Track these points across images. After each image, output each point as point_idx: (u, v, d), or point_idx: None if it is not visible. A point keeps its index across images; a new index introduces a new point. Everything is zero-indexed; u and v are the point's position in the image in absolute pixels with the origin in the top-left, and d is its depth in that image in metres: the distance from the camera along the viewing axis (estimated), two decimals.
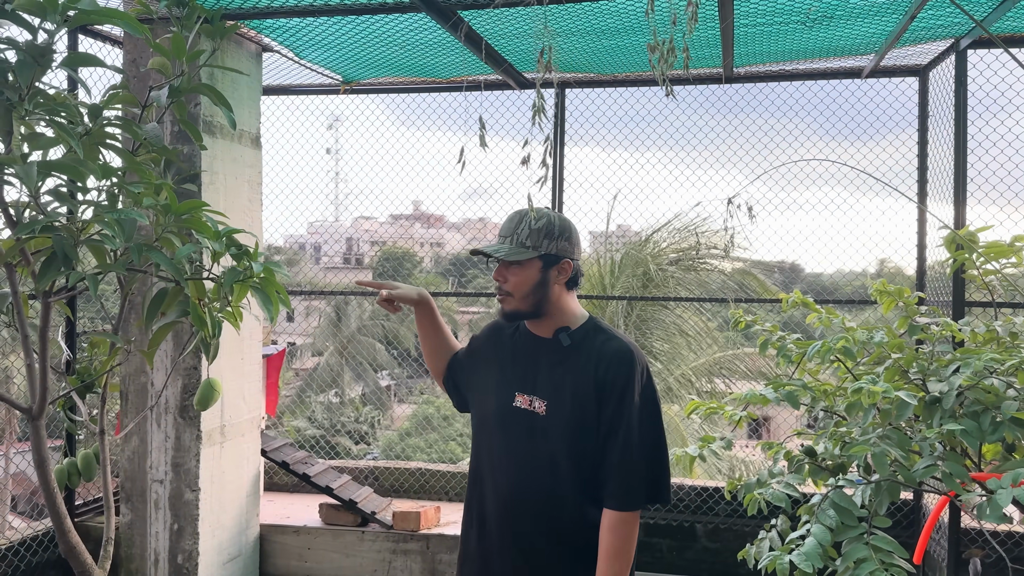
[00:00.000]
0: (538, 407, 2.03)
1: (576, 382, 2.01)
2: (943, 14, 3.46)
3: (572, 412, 2.00)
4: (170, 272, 2.08)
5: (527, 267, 2.03)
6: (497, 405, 2.10)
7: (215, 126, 3.84)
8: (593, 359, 2.02)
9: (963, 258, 3.30)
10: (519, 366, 2.10)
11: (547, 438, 2.01)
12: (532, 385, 2.06)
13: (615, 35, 3.90)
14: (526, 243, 2.03)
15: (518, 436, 2.05)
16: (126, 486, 3.90)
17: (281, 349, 4.62)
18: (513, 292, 2.04)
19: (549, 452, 2.01)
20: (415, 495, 4.94)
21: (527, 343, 2.13)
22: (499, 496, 2.06)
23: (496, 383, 2.12)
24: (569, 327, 2.07)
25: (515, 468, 2.04)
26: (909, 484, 2.79)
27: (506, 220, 2.10)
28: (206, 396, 2.39)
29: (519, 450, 2.04)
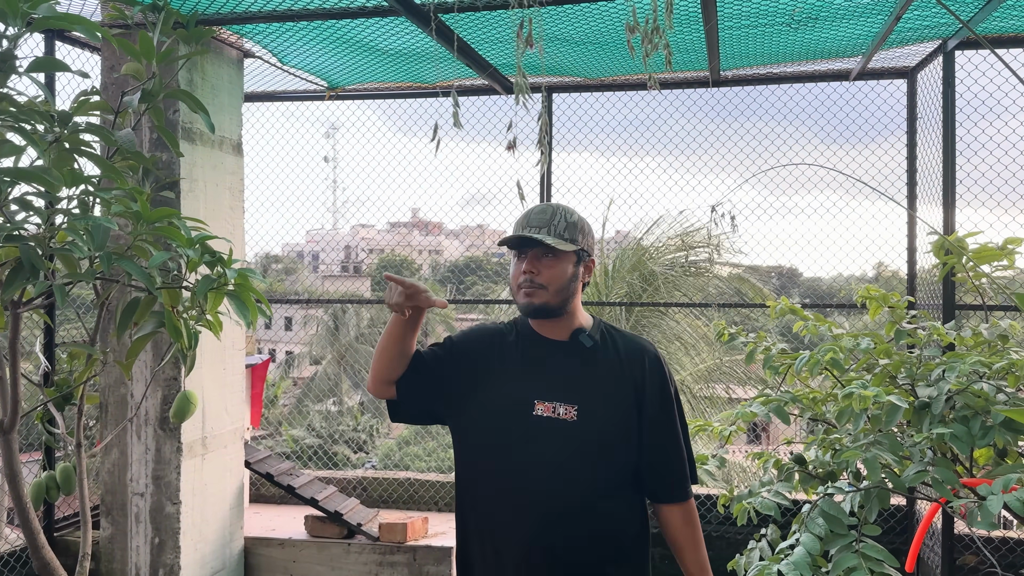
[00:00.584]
0: (565, 413, 1.90)
1: (609, 383, 1.93)
2: (929, 15, 3.42)
3: (609, 414, 1.91)
4: (141, 281, 2.04)
5: (564, 260, 1.92)
6: (509, 414, 1.92)
7: (195, 133, 3.80)
8: (622, 358, 1.96)
9: (952, 263, 3.26)
10: (534, 372, 1.95)
11: (581, 444, 1.89)
12: (555, 391, 1.91)
13: (600, 38, 3.86)
14: (565, 235, 1.93)
15: (544, 447, 1.89)
16: (106, 499, 3.84)
17: (265, 359, 4.57)
18: (547, 285, 1.91)
19: (583, 459, 1.88)
20: (404, 506, 4.87)
21: (539, 347, 1.98)
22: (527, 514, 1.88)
23: (506, 390, 1.94)
24: (585, 328, 1.99)
25: (544, 479, 1.88)
26: (899, 490, 2.74)
27: (534, 212, 1.96)
28: (182, 408, 2.34)
29: (547, 460, 1.88)
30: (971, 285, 3.45)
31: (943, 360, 3.00)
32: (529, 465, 1.89)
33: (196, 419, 3.80)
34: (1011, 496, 2.53)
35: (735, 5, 3.28)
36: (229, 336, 3.95)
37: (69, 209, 2.05)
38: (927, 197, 4.06)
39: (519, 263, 1.95)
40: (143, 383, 3.74)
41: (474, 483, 1.98)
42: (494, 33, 3.79)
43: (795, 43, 3.82)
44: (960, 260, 3.24)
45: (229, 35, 3.97)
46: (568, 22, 3.59)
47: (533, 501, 1.88)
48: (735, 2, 3.25)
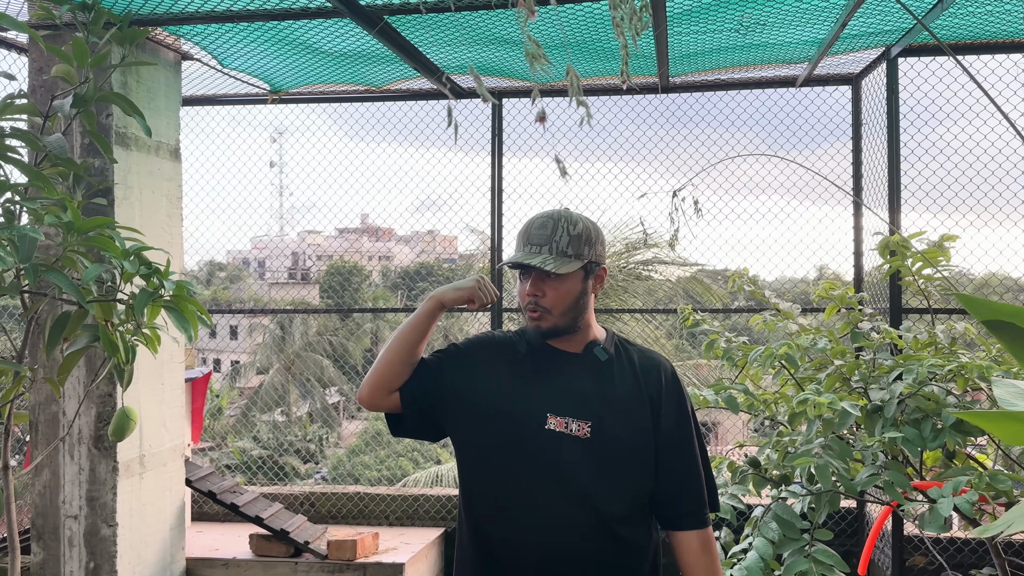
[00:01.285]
0: (577, 430, 1.79)
1: (623, 399, 1.83)
2: (874, 22, 3.46)
3: (624, 432, 1.81)
4: (71, 294, 1.92)
5: (570, 279, 1.81)
6: (519, 429, 1.80)
7: (130, 138, 3.64)
8: (638, 373, 1.87)
9: (898, 264, 3.29)
10: (547, 386, 1.84)
11: (593, 462, 1.78)
12: (568, 406, 1.80)
13: (552, 43, 3.82)
14: (568, 252, 1.80)
15: (556, 464, 1.78)
16: (37, 523, 3.65)
17: (206, 372, 4.41)
18: (552, 308, 1.81)
19: (596, 476, 1.78)
20: (353, 521, 4.75)
21: (553, 359, 1.87)
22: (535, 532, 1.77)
23: (517, 405, 1.82)
24: (599, 340, 1.89)
25: (555, 498, 1.77)
26: (852, 494, 2.75)
27: (534, 226, 1.83)
28: (121, 426, 2.21)
29: (558, 478, 1.78)
30: (916, 288, 3.50)
31: (900, 362, 3.03)
32: (539, 483, 1.78)
33: (133, 437, 3.63)
34: (960, 499, 2.55)
35: (685, 10, 3.26)
36: (167, 349, 3.80)
37: None
38: (873, 201, 4.11)
39: (523, 283, 1.84)
40: (76, 400, 3.56)
41: (479, 500, 1.85)
42: (441, 36, 3.72)
43: (744, 49, 3.83)
44: (904, 261, 3.28)
45: (166, 36, 3.82)
46: (517, 26, 3.54)
47: (542, 522, 1.77)
48: (684, 6, 3.24)
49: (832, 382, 3.18)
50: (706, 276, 12.00)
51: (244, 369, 23.27)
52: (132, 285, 1.98)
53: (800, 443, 2.97)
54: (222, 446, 18.53)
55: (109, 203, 3.49)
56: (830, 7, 3.22)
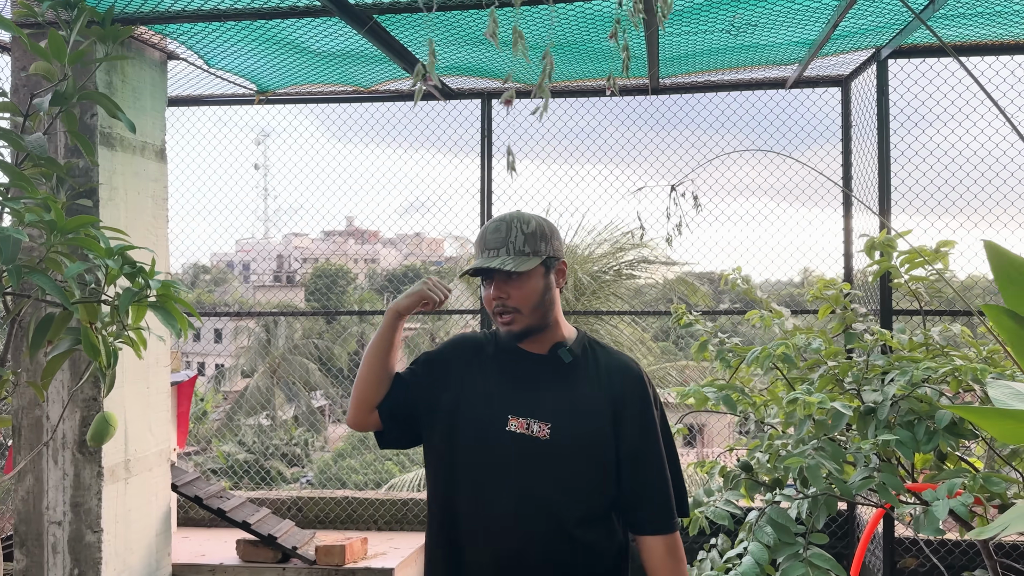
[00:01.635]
0: (538, 431, 1.79)
1: (585, 401, 1.83)
2: (865, 23, 3.46)
3: (583, 433, 1.81)
4: (55, 296, 1.87)
5: (531, 276, 1.82)
6: (482, 430, 1.82)
7: (115, 138, 3.59)
8: (602, 376, 1.86)
9: (886, 265, 3.29)
10: (510, 386, 1.85)
11: (553, 463, 1.79)
12: (530, 407, 1.82)
13: (542, 44, 3.79)
14: (525, 250, 1.81)
15: (515, 465, 1.79)
16: (20, 529, 3.58)
17: (192, 376, 4.35)
18: (521, 307, 1.82)
19: (555, 479, 1.78)
20: (341, 525, 4.70)
21: (517, 360, 1.88)
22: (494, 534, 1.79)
23: (480, 406, 1.84)
24: (566, 342, 1.89)
25: (515, 500, 1.78)
26: (846, 497, 2.73)
27: (489, 231, 1.85)
28: (100, 431, 2.17)
29: (517, 480, 1.78)
30: (907, 290, 3.50)
31: (894, 364, 3.02)
32: (500, 484, 1.80)
33: (118, 441, 3.57)
34: (956, 501, 2.53)
35: (676, 10, 3.25)
36: (153, 352, 3.74)
37: None
38: (863, 203, 4.11)
39: (487, 289, 1.85)
40: (60, 404, 3.50)
41: (444, 502, 1.86)
42: (431, 35, 3.69)
43: (735, 50, 3.82)
44: (891, 261, 3.28)
45: (152, 35, 3.77)
46: (506, 26, 3.52)
47: (500, 523, 1.79)
48: (676, 7, 3.23)
49: (825, 383, 3.17)
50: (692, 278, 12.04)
51: (229, 373, 23.11)
52: (116, 286, 1.94)
53: (791, 444, 2.96)
54: (207, 450, 18.38)
55: (94, 204, 3.44)
56: (821, 8, 3.22)
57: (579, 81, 4.55)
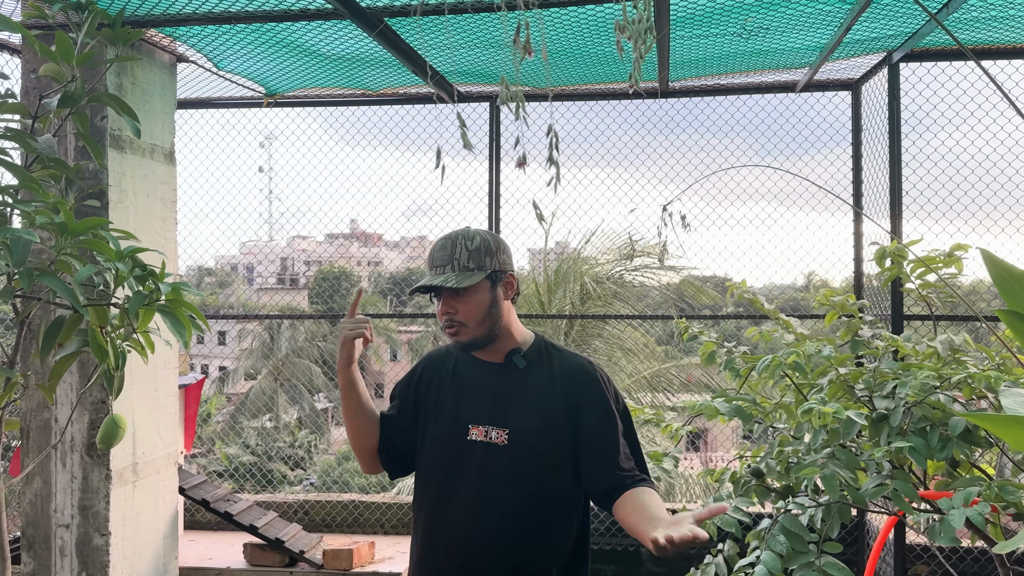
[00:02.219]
0: (496, 437, 1.87)
1: (539, 406, 1.89)
2: (877, 26, 3.45)
3: (538, 438, 1.87)
4: (65, 298, 1.87)
5: (476, 291, 1.88)
6: (448, 443, 1.91)
7: (124, 140, 3.58)
8: (556, 380, 1.91)
9: (895, 272, 3.27)
10: (469, 397, 1.94)
11: (512, 469, 1.85)
12: (488, 415, 1.90)
13: (554, 46, 3.79)
14: (469, 266, 1.88)
15: (476, 472, 1.87)
16: (27, 532, 3.57)
17: (200, 378, 4.34)
18: (467, 321, 1.89)
19: (513, 484, 1.85)
20: (348, 529, 4.69)
21: (474, 371, 1.97)
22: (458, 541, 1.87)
23: (444, 420, 1.94)
24: (521, 348, 1.95)
25: (476, 506, 1.86)
26: (859, 504, 2.71)
27: (436, 250, 1.93)
28: (109, 434, 2.16)
29: (477, 487, 1.86)
30: (918, 295, 3.48)
31: (898, 371, 3.00)
32: (462, 491, 1.88)
33: (126, 444, 3.57)
34: (972, 510, 2.51)
35: (688, 13, 3.24)
36: (161, 355, 3.73)
37: None
38: (873, 208, 4.09)
39: (437, 304, 1.93)
40: (68, 407, 3.49)
41: (420, 513, 1.96)
42: (442, 39, 3.68)
43: (745, 54, 3.81)
44: (902, 268, 3.26)
45: (162, 38, 3.77)
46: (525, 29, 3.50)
47: (464, 528, 1.87)
48: (687, 10, 3.21)
49: (835, 390, 3.15)
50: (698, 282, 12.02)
51: (232, 375, 23.11)
52: (125, 289, 1.93)
53: (803, 452, 2.94)
54: (210, 452, 18.38)
55: (103, 206, 3.43)
56: (834, 12, 3.21)
57: (588, 85, 4.55)
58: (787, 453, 2.97)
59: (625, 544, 4.42)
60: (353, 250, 30.27)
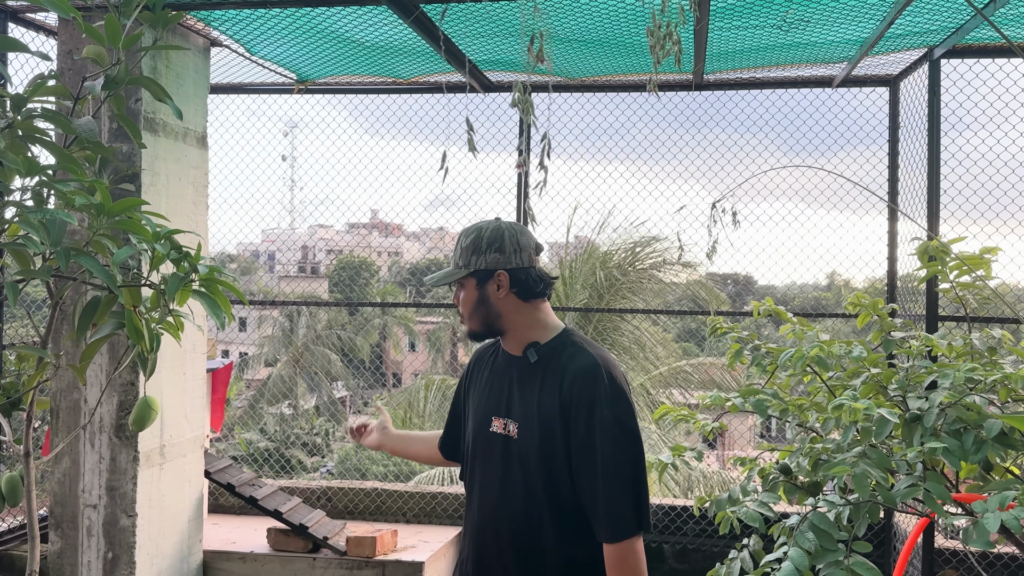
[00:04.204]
0: (511, 430, 1.92)
1: (542, 402, 1.89)
2: (920, 20, 3.38)
3: (540, 434, 1.87)
4: (102, 279, 1.86)
5: (466, 287, 1.97)
6: (475, 432, 2.02)
7: (158, 124, 3.59)
8: (558, 376, 1.89)
9: (935, 270, 3.21)
10: (495, 389, 2.02)
11: (521, 463, 1.89)
12: (506, 407, 1.96)
13: (587, 36, 3.75)
14: (459, 263, 1.98)
15: (494, 462, 1.94)
16: (56, 511, 3.60)
17: (228, 363, 4.36)
18: (463, 313, 2.01)
19: (523, 478, 1.89)
20: (371, 517, 4.69)
21: (502, 363, 2.04)
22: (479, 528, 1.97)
23: (477, 411, 2.04)
24: (538, 342, 1.95)
25: (494, 497, 1.93)
26: (889, 504, 2.67)
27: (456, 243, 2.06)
28: (142, 415, 2.16)
29: (496, 477, 1.94)
30: (955, 297, 3.42)
31: (934, 368, 2.95)
32: (484, 481, 1.96)
33: (155, 427, 3.59)
34: (1008, 514, 2.45)
35: (728, 3, 3.19)
36: (190, 339, 3.74)
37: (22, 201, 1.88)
38: (909, 207, 4.03)
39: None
40: (98, 388, 3.51)
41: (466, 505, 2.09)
42: (476, 27, 3.65)
43: (783, 47, 3.75)
44: (943, 267, 3.20)
45: (196, 22, 3.77)
46: (555, 15, 3.47)
47: (483, 518, 1.95)
48: (727, 2, 3.17)
49: (868, 390, 3.10)
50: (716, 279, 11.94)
51: (252, 361, 23.27)
52: (159, 272, 1.93)
53: (833, 450, 2.90)
54: (228, 437, 18.52)
55: (136, 189, 3.44)
56: (877, 4, 3.15)
57: (619, 76, 4.50)
58: (817, 450, 2.94)
59: (647, 540, 4.40)
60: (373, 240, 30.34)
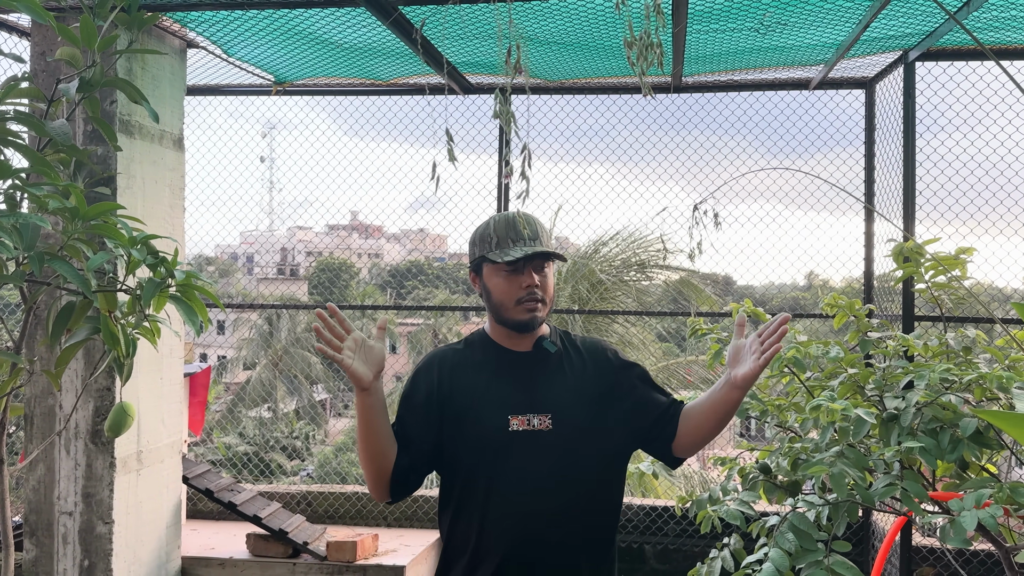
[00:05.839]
0: (539, 424, 1.87)
1: (580, 383, 1.94)
2: (895, 24, 3.42)
3: (582, 415, 1.91)
4: (76, 284, 1.84)
5: (552, 269, 1.95)
6: (488, 437, 1.86)
7: (133, 126, 3.55)
8: (585, 358, 1.98)
9: (911, 271, 3.25)
10: (504, 387, 1.91)
11: (558, 454, 1.87)
12: (528, 403, 1.89)
13: (562, 38, 3.76)
14: (550, 245, 1.93)
15: (521, 462, 1.85)
16: (30, 519, 3.55)
17: (206, 367, 4.32)
18: (546, 298, 1.92)
19: (562, 469, 1.86)
20: (351, 521, 4.67)
21: (506, 361, 1.95)
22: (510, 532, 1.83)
23: (481, 415, 1.88)
24: (545, 335, 1.98)
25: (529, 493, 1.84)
26: (867, 504, 2.70)
27: (520, 223, 1.91)
28: (118, 421, 2.13)
29: (525, 477, 1.85)
30: (930, 297, 3.46)
31: (911, 368, 2.98)
32: (511, 482, 1.86)
33: (131, 432, 3.54)
34: (984, 512, 2.49)
35: (706, 7, 3.21)
36: (167, 343, 3.71)
37: None
38: (885, 208, 4.07)
39: (515, 277, 1.89)
40: (73, 394, 3.47)
41: (460, 510, 1.90)
42: (454, 29, 3.65)
43: (761, 50, 3.78)
44: (919, 268, 3.24)
45: (172, 24, 3.73)
46: (535, 19, 3.48)
47: (518, 515, 1.86)
48: (706, 4, 3.18)
49: (846, 390, 3.13)
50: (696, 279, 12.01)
51: (231, 364, 23.08)
52: (135, 276, 1.91)
53: (812, 450, 2.92)
54: (207, 441, 18.35)
55: (112, 192, 3.40)
56: (853, 7, 3.18)
57: (599, 79, 4.51)
58: (796, 450, 2.96)
59: (628, 541, 4.41)
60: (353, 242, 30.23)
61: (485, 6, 3.30)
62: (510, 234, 1.90)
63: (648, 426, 1.96)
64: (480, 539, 1.85)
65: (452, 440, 1.90)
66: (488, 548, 1.84)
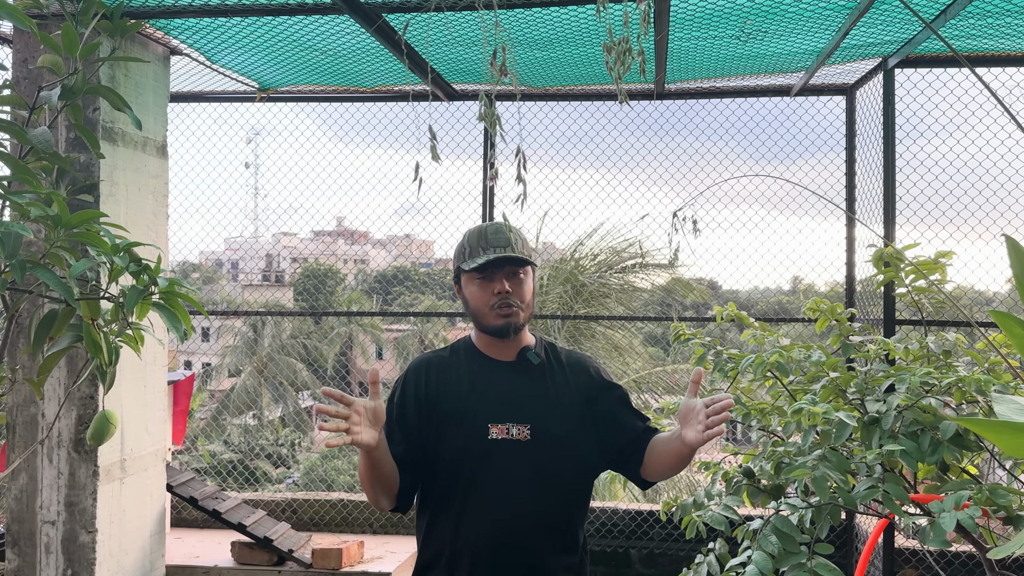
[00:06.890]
0: (518, 434, 1.90)
1: (560, 397, 1.97)
2: (874, 31, 3.46)
3: (561, 428, 1.93)
4: (59, 292, 1.84)
5: (530, 275, 1.97)
6: (468, 444, 1.88)
7: (116, 133, 3.54)
8: (567, 371, 2.01)
9: (891, 276, 3.28)
10: (485, 395, 1.93)
11: (534, 464, 1.89)
12: (507, 412, 1.91)
13: (547, 46, 3.78)
14: (524, 252, 1.94)
15: (500, 471, 1.87)
16: (12, 528, 3.52)
17: (190, 374, 4.30)
18: (523, 303, 1.94)
19: (539, 476, 1.89)
20: (337, 528, 4.66)
21: (488, 369, 1.97)
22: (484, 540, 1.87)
23: (462, 422, 1.90)
24: (530, 346, 2.00)
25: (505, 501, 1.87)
26: (850, 506, 2.72)
27: (491, 232, 1.94)
28: (101, 429, 2.12)
29: (502, 485, 1.88)
30: (911, 301, 3.50)
31: (892, 372, 3.01)
32: (487, 491, 1.89)
33: (115, 440, 3.52)
34: (963, 514, 2.52)
35: (688, 15, 3.24)
36: (151, 351, 3.69)
37: None
38: (866, 214, 4.11)
39: (488, 284, 1.92)
40: (56, 402, 3.44)
41: (438, 515, 1.92)
42: (438, 35, 3.66)
43: (742, 57, 3.82)
44: (899, 272, 3.28)
45: (155, 31, 3.73)
46: (520, 27, 3.50)
47: (494, 522, 1.88)
48: (688, 11, 3.21)
49: (827, 394, 3.16)
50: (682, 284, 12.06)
51: (215, 371, 22.94)
52: (118, 284, 1.91)
53: (795, 454, 2.95)
54: (191, 449, 18.23)
55: (95, 199, 3.39)
56: (833, 15, 3.22)
57: (584, 86, 4.54)
58: (779, 453, 2.98)
59: (615, 546, 4.42)
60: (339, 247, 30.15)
61: (469, 14, 3.32)
62: (480, 243, 1.94)
63: (619, 448, 2.00)
64: (455, 543, 1.88)
65: (433, 444, 1.92)
66: (463, 552, 1.87)
